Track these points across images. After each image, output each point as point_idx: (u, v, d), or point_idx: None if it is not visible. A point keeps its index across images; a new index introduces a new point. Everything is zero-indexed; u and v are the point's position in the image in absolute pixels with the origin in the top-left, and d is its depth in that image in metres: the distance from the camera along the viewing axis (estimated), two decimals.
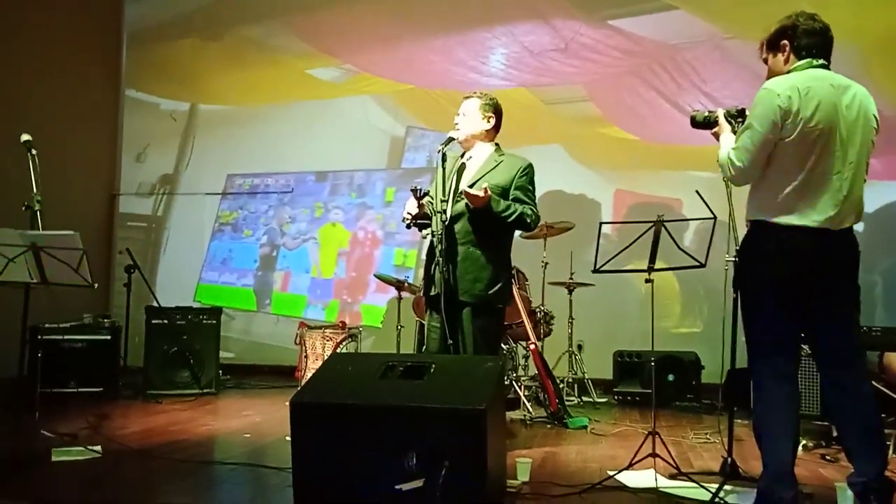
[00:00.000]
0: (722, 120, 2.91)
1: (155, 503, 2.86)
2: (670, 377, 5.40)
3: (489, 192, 3.29)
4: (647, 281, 3.16)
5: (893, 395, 3.76)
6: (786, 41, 2.68)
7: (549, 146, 6.44)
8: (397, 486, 2.55)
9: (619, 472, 3.08)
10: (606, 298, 5.92)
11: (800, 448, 3.57)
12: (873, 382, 3.02)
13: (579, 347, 5.61)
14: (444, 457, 2.51)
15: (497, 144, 3.66)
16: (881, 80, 5.32)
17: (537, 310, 5.12)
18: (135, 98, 7.57)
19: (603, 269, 3.18)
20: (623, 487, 3.00)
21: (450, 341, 3.25)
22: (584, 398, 5.44)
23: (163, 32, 7.52)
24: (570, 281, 5.45)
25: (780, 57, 2.71)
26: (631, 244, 3.09)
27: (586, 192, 6.40)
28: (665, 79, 6.28)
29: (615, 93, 6.41)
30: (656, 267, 3.23)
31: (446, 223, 3.37)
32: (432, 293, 3.38)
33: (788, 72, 2.66)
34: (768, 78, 2.74)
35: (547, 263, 5.33)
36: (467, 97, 3.66)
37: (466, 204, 3.38)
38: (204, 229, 7.33)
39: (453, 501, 2.47)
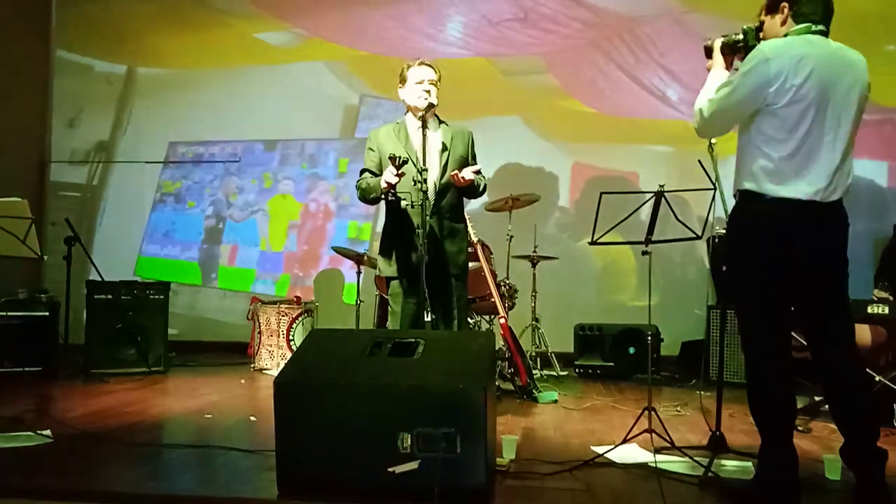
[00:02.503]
0: (716, 53, 2.75)
1: (123, 491, 2.65)
2: (631, 350, 5.43)
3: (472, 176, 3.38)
4: (644, 253, 3.08)
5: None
6: (785, 3, 2.59)
7: (508, 118, 6.36)
8: (390, 469, 2.44)
9: (616, 447, 3.05)
10: (563, 272, 5.91)
11: None
12: None
13: (536, 321, 5.57)
14: (441, 437, 2.41)
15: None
16: None
17: (501, 283, 5.05)
18: (66, 59, 7.09)
19: (599, 241, 3.08)
20: (612, 464, 2.96)
21: (433, 316, 3.15)
22: (545, 372, 5.42)
23: None
24: (534, 254, 5.40)
25: (778, 19, 2.62)
26: (630, 215, 3.01)
27: (544, 165, 6.35)
28: (624, 52, 6.26)
29: (574, 65, 6.35)
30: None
31: (427, 193, 3.28)
32: (422, 266, 3.23)
33: (785, 35, 2.60)
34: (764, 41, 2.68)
35: (512, 236, 5.26)
36: (427, 65, 3.57)
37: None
38: (144, 200, 6.97)
39: (451, 482, 2.38)
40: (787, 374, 2.58)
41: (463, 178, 3.33)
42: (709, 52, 2.81)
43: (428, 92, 3.48)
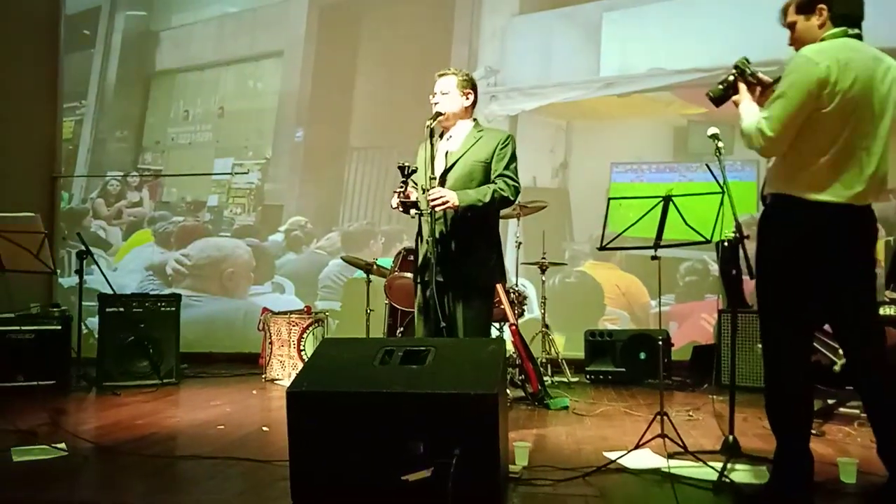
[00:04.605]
0: (742, 87, 2.70)
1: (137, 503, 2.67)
2: (642, 355, 5.41)
3: (455, 203, 3.24)
4: (654, 258, 3.07)
5: None
6: (824, 5, 2.54)
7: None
8: (404, 477, 2.44)
9: (628, 452, 3.04)
10: (572, 278, 5.91)
11: None
12: None
13: (547, 327, 5.56)
14: (453, 444, 2.41)
15: (475, 120, 3.58)
16: None
17: (510, 290, 5.04)
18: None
19: (608, 246, 3.08)
20: (625, 470, 2.95)
21: (442, 324, 3.15)
22: (556, 378, 5.40)
23: None
24: (543, 260, 5.39)
25: (815, 21, 2.56)
26: (638, 220, 3.01)
27: (551, 172, 6.34)
28: None
29: None
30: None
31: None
32: (427, 277, 3.24)
33: (822, 39, 2.54)
34: (793, 42, 2.63)
35: (520, 243, 5.26)
36: (442, 75, 3.54)
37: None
38: (155, 212, 7.01)
39: (464, 490, 2.37)
40: (806, 377, 2.58)
41: (440, 206, 3.23)
42: (715, 101, 2.76)
43: (436, 104, 3.47)
